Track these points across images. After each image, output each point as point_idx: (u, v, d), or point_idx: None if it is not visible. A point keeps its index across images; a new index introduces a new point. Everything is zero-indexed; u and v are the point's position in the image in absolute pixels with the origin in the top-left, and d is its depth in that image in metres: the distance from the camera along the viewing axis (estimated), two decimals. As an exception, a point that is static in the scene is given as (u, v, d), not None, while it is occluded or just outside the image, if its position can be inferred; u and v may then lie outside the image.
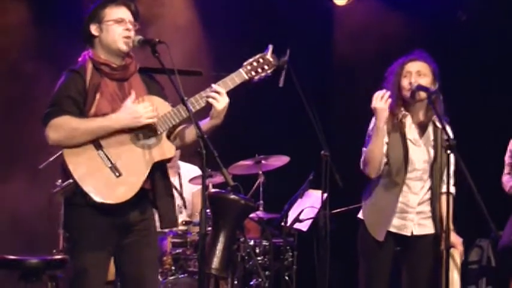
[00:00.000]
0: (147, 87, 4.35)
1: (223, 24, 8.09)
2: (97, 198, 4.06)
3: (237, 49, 7.68)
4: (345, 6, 8.47)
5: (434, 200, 4.92)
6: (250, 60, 4.32)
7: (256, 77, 4.31)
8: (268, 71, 4.32)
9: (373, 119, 4.91)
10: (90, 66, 4.23)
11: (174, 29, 7.70)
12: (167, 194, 4.35)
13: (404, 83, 4.89)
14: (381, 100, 4.78)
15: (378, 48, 7.95)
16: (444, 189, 4.89)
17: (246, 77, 4.29)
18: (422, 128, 4.96)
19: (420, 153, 4.91)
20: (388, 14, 8.20)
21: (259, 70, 4.30)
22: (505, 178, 6.44)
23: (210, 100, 4.20)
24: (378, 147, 4.82)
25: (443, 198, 4.86)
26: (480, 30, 7.95)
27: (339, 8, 8.51)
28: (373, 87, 4.95)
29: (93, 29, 4.28)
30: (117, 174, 4.10)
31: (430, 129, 4.96)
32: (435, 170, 4.90)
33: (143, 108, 4.15)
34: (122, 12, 4.28)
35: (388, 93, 4.80)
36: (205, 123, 4.28)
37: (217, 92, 4.21)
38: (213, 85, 4.24)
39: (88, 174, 4.09)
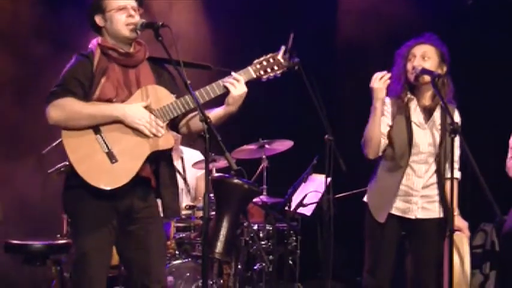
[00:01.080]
0: (157, 76, 4.35)
1: (225, 14, 8.07)
2: (90, 181, 4.06)
3: (241, 39, 7.74)
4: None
5: (441, 185, 4.91)
6: (261, 59, 4.28)
7: (264, 76, 4.28)
8: (278, 72, 4.28)
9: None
10: (98, 51, 4.25)
11: (181, 24, 7.72)
12: (171, 184, 4.35)
13: (409, 66, 4.90)
14: (379, 80, 4.82)
15: (382, 31, 7.93)
16: (448, 174, 4.87)
17: (254, 75, 4.26)
18: (428, 112, 4.96)
19: (425, 137, 4.91)
20: (392, 2, 8.16)
21: (268, 70, 4.27)
22: (509, 162, 6.41)
23: (227, 85, 4.20)
24: (375, 127, 4.86)
25: (448, 183, 4.84)
26: (487, 14, 7.91)
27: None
28: (377, 70, 4.94)
29: (98, 20, 4.29)
30: (112, 160, 4.10)
31: (438, 113, 4.95)
32: (441, 154, 4.89)
33: (148, 118, 4.14)
34: (123, 1, 4.27)
35: (388, 74, 4.84)
36: (220, 109, 4.27)
37: (237, 79, 4.20)
38: (232, 73, 4.23)
39: (84, 157, 4.09)
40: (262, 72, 4.26)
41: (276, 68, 4.27)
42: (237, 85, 4.20)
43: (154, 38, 4.12)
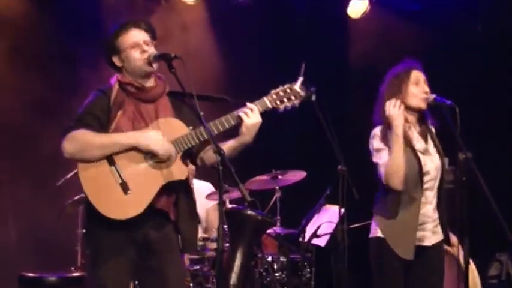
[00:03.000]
0: (176, 110, 4.34)
1: (238, 40, 8.11)
2: (103, 212, 4.07)
3: (253, 67, 7.77)
4: (359, 19, 8.46)
5: (440, 204, 4.88)
6: (277, 89, 4.26)
7: (281, 106, 4.25)
8: (295, 102, 4.25)
9: (376, 132, 4.84)
10: (116, 87, 4.27)
11: (188, 43, 7.77)
12: (190, 217, 4.33)
13: (415, 90, 4.82)
14: (394, 107, 4.73)
15: (393, 61, 7.92)
16: None
17: (269, 106, 4.24)
18: (424, 136, 4.89)
19: (431, 162, 4.85)
20: (403, 26, 8.20)
21: (285, 100, 4.25)
22: None
23: (241, 114, 4.19)
24: (400, 156, 4.70)
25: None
26: (496, 41, 7.94)
27: (354, 21, 8.49)
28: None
29: (115, 60, 4.31)
30: (126, 191, 4.10)
31: (429, 134, 4.92)
32: (443, 176, 4.88)
33: (156, 136, 4.14)
34: (134, 36, 4.28)
35: (399, 101, 4.76)
36: (234, 140, 4.25)
37: (251, 109, 4.20)
38: (247, 103, 4.23)
39: (98, 189, 4.11)
40: (278, 103, 4.24)
41: (293, 98, 4.25)
42: (250, 114, 4.19)
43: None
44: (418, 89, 4.83)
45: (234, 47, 8.13)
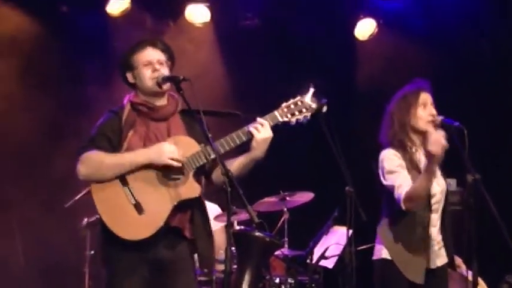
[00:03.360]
0: (188, 128, 4.36)
1: (245, 60, 8.13)
2: (117, 233, 4.09)
3: (261, 86, 7.78)
4: (367, 41, 8.47)
5: (444, 226, 4.87)
6: (288, 102, 4.26)
7: (293, 119, 4.24)
8: (307, 114, 4.25)
9: (389, 155, 4.83)
10: (128, 107, 4.31)
11: (198, 68, 7.80)
12: (206, 234, 4.35)
13: (424, 113, 4.82)
14: (438, 144, 4.55)
15: (401, 83, 7.93)
16: None
17: (280, 120, 4.23)
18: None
19: (437, 185, 4.84)
20: (411, 48, 8.20)
21: (296, 113, 4.24)
22: None
23: (251, 129, 4.19)
24: (428, 187, 4.68)
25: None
26: (503, 61, 7.95)
27: (362, 42, 8.51)
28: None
29: (129, 77, 4.37)
30: (140, 212, 4.11)
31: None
32: (447, 199, 4.89)
33: (169, 147, 4.15)
34: (148, 55, 4.33)
35: (444, 134, 4.60)
36: (244, 156, 4.26)
37: (261, 124, 4.19)
38: (258, 118, 4.22)
39: (112, 209, 4.13)
40: (290, 116, 4.23)
41: (304, 110, 4.24)
42: (261, 129, 4.19)
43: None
44: (426, 112, 4.83)
45: (242, 68, 8.16)
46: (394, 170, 4.81)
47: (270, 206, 6.71)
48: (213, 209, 6.91)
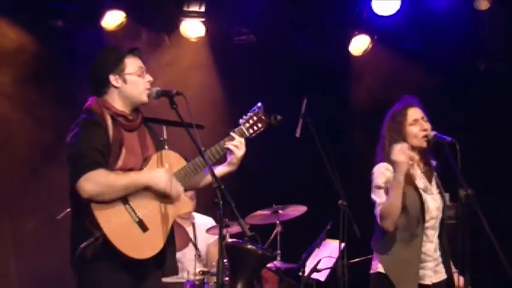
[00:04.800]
0: (151, 136, 4.40)
1: (239, 76, 8.16)
2: (127, 253, 4.04)
3: (255, 101, 7.81)
4: (361, 56, 8.51)
5: (443, 244, 4.88)
6: (247, 117, 4.42)
7: (253, 134, 4.43)
8: (262, 129, 4.42)
9: (381, 169, 4.84)
10: (108, 117, 4.20)
11: (191, 78, 7.82)
12: (172, 243, 4.36)
13: (414, 130, 4.84)
14: (402, 153, 4.68)
15: (395, 98, 7.97)
16: None
17: (247, 134, 4.41)
18: (428, 175, 4.91)
19: (433, 202, 4.86)
20: (405, 63, 8.24)
21: (255, 128, 4.41)
22: None
23: (232, 148, 4.31)
24: (397, 201, 4.70)
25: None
26: (499, 79, 7.99)
27: (356, 58, 8.54)
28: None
29: (113, 79, 4.25)
30: (144, 229, 4.12)
31: (434, 175, 4.93)
32: (445, 216, 4.89)
33: (169, 176, 4.17)
34: (140, 63, 4.33)
35: (407, 145, 4.74)
36: (221, 170, 4.38)
37: (240, 141, 4.33)
38: (231, 133, 4.32)
39: (118, 228, 4.07)
40: (251, 131, 4.41)
41: (260, 125, 4.41)
42: (240, 147, 4.34)
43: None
44: (417, 128, 4.85)
45: (236, 83, 8.17)
46: (381, 185, 4.83)
47: (262, 219, 6.73)
48: (207, 222, 6.94)
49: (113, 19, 7.88)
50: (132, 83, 4.26)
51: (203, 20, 8.10)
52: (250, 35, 8.35)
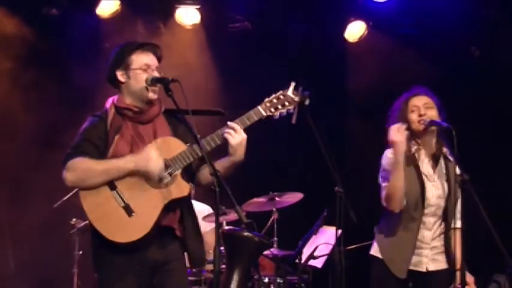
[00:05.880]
0: (173, 128, 4.36)
1: (235, 63, 8.15)
2: (108, 237, 4.08)
3: (251, 88, 7.80)
4: (357, 42, 8.50)
5: (447, 235, 4.88)
6: (271, 97, 4.28)
7: (276, 113, 4.26)
8: (290, 107, 4.26)
9: (387, 154, 4.90)
10: (112, 111, 4.26)
11: (186, 65, 7.81)
12: (196, 233, 4.35)
13: (413, 117, 4.87)
14: (398, 132, 4.75)
15: (390, 84, 7.97)
16: (458, 224, 4.85)
17: (264, 114, 4.24)
18: (435, 161, 4.93)
19: (434, 189, 4.88)
20: (400, 50, 8.24)
21: (279, 107, 4.25)
22: None
23: (226, 135, 4.19)
24: (399, 181, 4.76)
25: (458, 233, 4.80)
26: (493, 66, 7.99)
27: (351, 44, 8.53)
28: (385, 122, 4.96)
29: (119, 74, 4.29)
30: (130, 214, 4.11)
31: (442, 162, 4.94)
32: (449, 205, 4.87)
33: (155, 159, 4.13)
34: (148, 59, 4.30)
35: (405, 125, 4.79)
36: (224, 160, 4.26)
37: (233, 128, 4.21)
38: (228, 122, 4.24)
39: (102, 214, 4.11)
40: (273, 110, 4.26)
41: (287, 103, 4.26)
42: (234, 134, 4.20)
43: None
44: (416, 114, 4.88)
45: (231, 70, 8.17)
46: (386, 168, 4.89)
47: (259, 206, 6.72)
48: (204, 209, 6.93)
49: (107, 7, 7.88)
50: (135, 78, 4.27)
51: (198, 7, 8.10)
52: (245, 22, 8.33)
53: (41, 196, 7.10)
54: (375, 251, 4.99)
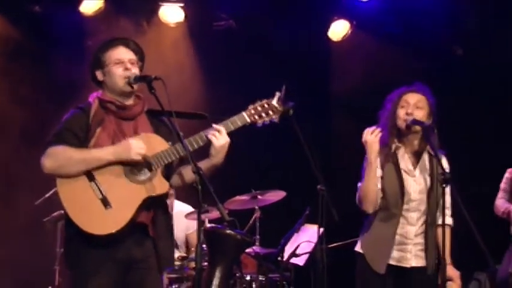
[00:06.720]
0: (155, 128, 4.36)
1: (219, 61, 8.15)
2: (83, 228, 4.05)
3: (235, 86, 7.81)
4: (340, 41, 8.52)
5: (428, 231, 4.91)
6: (255, 104, 4.29)
7: (259, 121, 4.27)
8: (273, 117, 4.28)
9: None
10: (96, 104, 4.28)
11: (170, 64, 7.80)
12: (167, 233, 4.34)
13: (401, 112, 4.89)
14: (371, 134, 4.80)
15: (374, 83, 8.01)
16: (448, 221, 4.88)
17: (248, 120, 4.25)
18: (416, 157, 4.94)
19: (415, 184, 4.90)
20: (384, 48, 8.26)
21: (263, 115, 4.27)
22: (498, 202, 6.58)
23: (209, 137, 4.20)
24: (371, 181, 4.81)
25: (439, 230, 4.83)
26: (477, 64, 8.02)
27: (335, 43, 8.55)
28: (369, 121, 4.98)
29: (98, 74, 4.33)
30: (106, 206, 4.09)
31: (426, 158, 4.94)
32: (431, 200, 4.90)
33: (136, 143, 4.15)
34: (120, 53, 4.31)
35: (379, 128, 4.83)
36: (205, 162, 4.25)
37: (218, 130, 4.22)
38: (214, 124, 4.25)
39: (78, 204, 4.09)
40: (257, 117, 4.26)
41: (271, 113, 4.27)
42: (218, 136, 4.21)
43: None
44: (403, 111, 4.90)
45: (215, 69, 8.17)
46: (364, 168, 4.91)
47: (241, 204, 6.73)
48: (187, 210, 6.94)
49: (91, 4, 7.86)
50: (109, 74, 4.29)
51: (182, 5, 8.09)
52: (230, 21, 8.34)
53: (26, 193, 7.08)
54: (358, 246, 5.02)
